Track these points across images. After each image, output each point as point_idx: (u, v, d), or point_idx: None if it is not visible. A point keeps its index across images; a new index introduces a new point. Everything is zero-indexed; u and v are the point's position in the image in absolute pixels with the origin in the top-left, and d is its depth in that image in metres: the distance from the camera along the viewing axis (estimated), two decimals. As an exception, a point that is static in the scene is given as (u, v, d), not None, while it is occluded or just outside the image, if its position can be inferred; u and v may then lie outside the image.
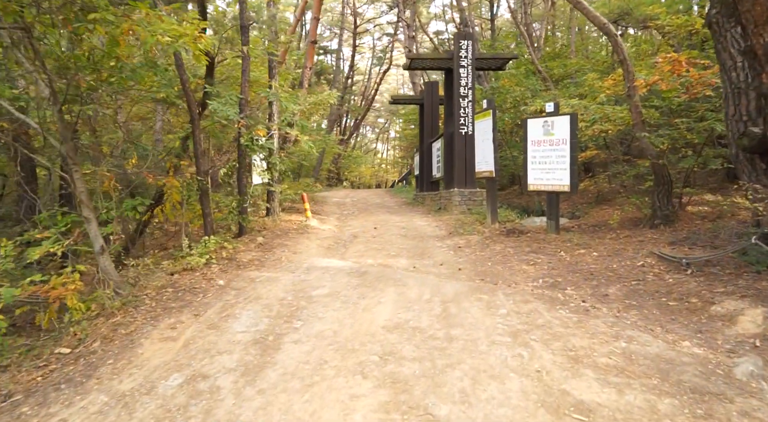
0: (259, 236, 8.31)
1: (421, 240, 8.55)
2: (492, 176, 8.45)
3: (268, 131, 10.55)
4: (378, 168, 49.73)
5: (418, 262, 6.85)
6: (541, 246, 7.12)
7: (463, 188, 11.49)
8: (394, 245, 8.12)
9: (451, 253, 7.36)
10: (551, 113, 7.41)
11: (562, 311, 4.42)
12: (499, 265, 6.41)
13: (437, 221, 10.61)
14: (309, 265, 6.64)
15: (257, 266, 6.56)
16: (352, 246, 8.22)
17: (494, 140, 8.29)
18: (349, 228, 10.27)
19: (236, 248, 7.39)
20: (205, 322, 4.37)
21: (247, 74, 8.17)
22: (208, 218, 7.22)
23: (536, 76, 13.95)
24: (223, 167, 7.16)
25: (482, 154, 8.78)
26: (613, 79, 8.79)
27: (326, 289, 5.33)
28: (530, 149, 7.74)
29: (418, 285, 5.40)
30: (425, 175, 16.15)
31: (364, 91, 41.69)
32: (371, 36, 43.37)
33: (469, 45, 11.49)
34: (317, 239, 8.81)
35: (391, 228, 9.99)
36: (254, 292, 5.24)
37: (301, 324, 4.34)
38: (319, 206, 15.19)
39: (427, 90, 15.74)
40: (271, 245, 7.93)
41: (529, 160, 7.77)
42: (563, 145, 7.23)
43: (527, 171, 7.82)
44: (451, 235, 8.83)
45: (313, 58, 14.54)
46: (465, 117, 11.53)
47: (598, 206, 10.25)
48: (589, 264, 6.00)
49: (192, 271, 6.25)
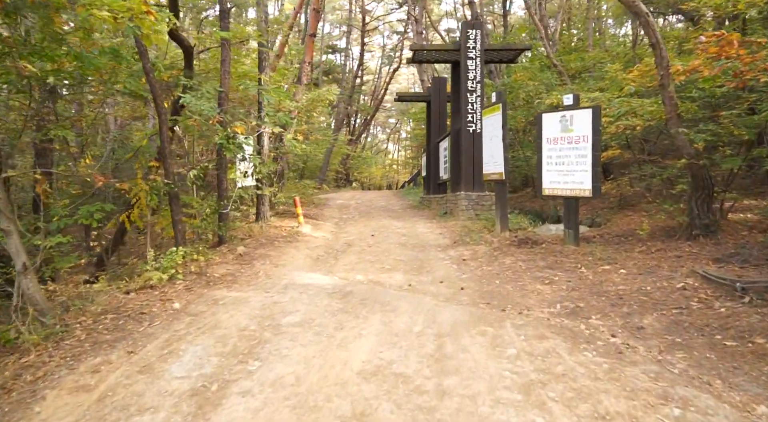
0: (241, 246, 7.46)
1: (421, 250, 7.63)
2: (501, 178, 7.50)
3: (258, 128, 9.73)
4: (388, 169, 48.86)
5: (414, 278, 5.94)
6: (558, 260, 6.15)
7: (470, 192, 10.54)
8: (391, 257, 7.21)
9: (453, 267, 6.42)
10: (570, 107, 6.45)
11: (588, 353, 3.47)
12: (508, 283, 5.46)
13: (441, 228, 9.67)
14: (288, 282, 5.76)
15: (228, 284, 5.69)
16: (343, 257, 7.33)
17: (504, 137, 7.34)
18: (345, 235, 9.38)
19: (210, 260, 6.54)
20: (138, 363, 3.51)
21: (227, 64, 7.33)
22: (178, 226, 6.39)
23: (551, 70, 12.93)
24: (193, 169, 6.33)
25: (491, 153, 7.84)
26: (639, 69, 7.78)
27: (299, 315, 4.45)
28: (545, 147, 6.78)
29: (410, 311, 4.48)
30: (432, 176, 15.22)
31: (374, 90, 40.92)
32: (381, 35, 42.62)
33: (478, 34, 10.54)
34: (306, 248, 7.93)
35: (390, 236, 9.08)
36: (213, 319, 4.37)
37: (257, 366, 3.45)
38: (319, 209, 14.35)
39: (434, 86, 14.80)
40: (252, 256, 7.07)
41: (544, 160, 6.81)
42: (584, 143, 6.25)
43: (542, 173, 6.86)
44: (455, 244, 7.89)
45: (312, 53, 13.69)
46: (473, 114, 10.58)
47: (621, 212, 9.22)
48: (617, 285, 5.02)
49: (151, 289, 5.42)
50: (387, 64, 40.89)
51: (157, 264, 5.87)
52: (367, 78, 45.58)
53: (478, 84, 10.58)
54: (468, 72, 10.54)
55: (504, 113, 7.30)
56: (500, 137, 7.41)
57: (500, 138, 7.39)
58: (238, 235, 8.43)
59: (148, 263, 5.91)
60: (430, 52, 11.27)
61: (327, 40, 40.61)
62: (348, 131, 40.95)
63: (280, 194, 10.18)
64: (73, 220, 5.69)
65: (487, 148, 8.01)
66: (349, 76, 34.97)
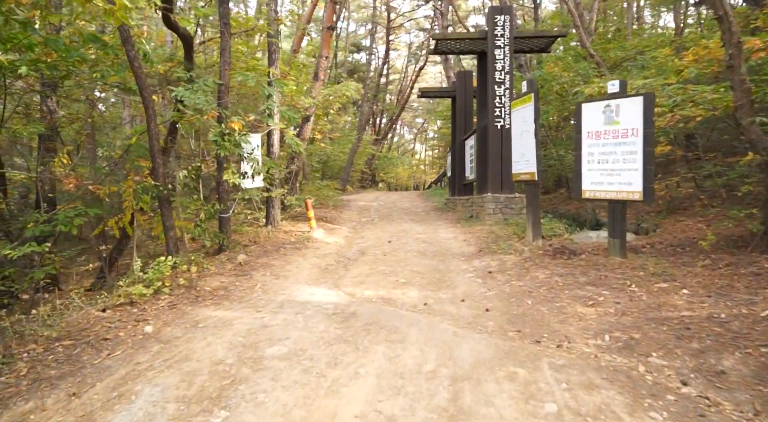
0: (243, 253, 6.80)
1: (442, 260, 6.79)
2: (533, 179, 6.59)
3: (268, 126, 9.10)
4: (415, 169, 48.08)
5: (432, 295, 5.12)
6: (602, 275, 5.22)
7: (498, 193, 9.61)
8: (407, 267, 6.40)
9: (478, 282, 5.57)
10: (616, 95, 5.50)
11: (656, 413, 2.59)
12: (543, 304, 4.58)
13: (466, 234, 8.79)
14: (285, 298, 5.03)
15: (218, 300, 5.01)
16: (354, 267, 6.56)
17: (536, 132, 6.43)
18: (360, 241, 8.62)
19: (204, 270, 5.89)
20: (76, 410, 2.82)
21: (228, 55, 6.68)
22: (169, 232, 5.76)
23: (588, 61, 11.84)
24: (183, 169, 5.68)
25: (521, 151, 6.93)
26: (695, 52, 6.74)
27: (289, 344, 3.70)
28: (586, 143, 5.84)
29: (422, 341, 3.67)
30: (457, 177, 14.31)
31: (400, 90, 40.21)
32: (407, 33, 41.82)
33: (506, 20, 9.61)
34: (315, 256, 7.20)
35: (408, 242, 8.27)
36: (185, 348, 3.67)
37: (223, 418, 2.72)
38: (337, 211, 13.65)
39: (460, 81, 13.88)
40: (253, 265, 6.39)
41: (584, 158, 5.87)
42: (633, 136, 5.29)
43: (581, 173, 5.92)
44: (481, 253, 7.02)
45: (329, 47, 13.00)
46: (501, 108, 9.65)
47: (672, 217, 8.13)
48: (680, 310, 4.08)
49: (131, 306, 4.78)
50: (413, 62, 40.10)
51: (146, 275, 5.24)
52: (393, 77, 44.89)
53: (507, 75, 9.64)
54: (495, 62, 9.62)
55: (536, 104, 6.39)
56: (532, 132, 6.50)
57: (532, 133, 6.48)
58: (243, 241, 7.79)
59: (133, 275, 5.30)
60: (454, 42, 10.37)
61: (352, 39, 40.14)
62: (373, 131, 40.37)
63: (290, 197, 9.51)
64: (51, 227, 5.10)
65: (517, 145, 7.10)
66: (374, 75, 34.24)
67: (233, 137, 5.67)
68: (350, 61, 41.02)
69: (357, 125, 29.56)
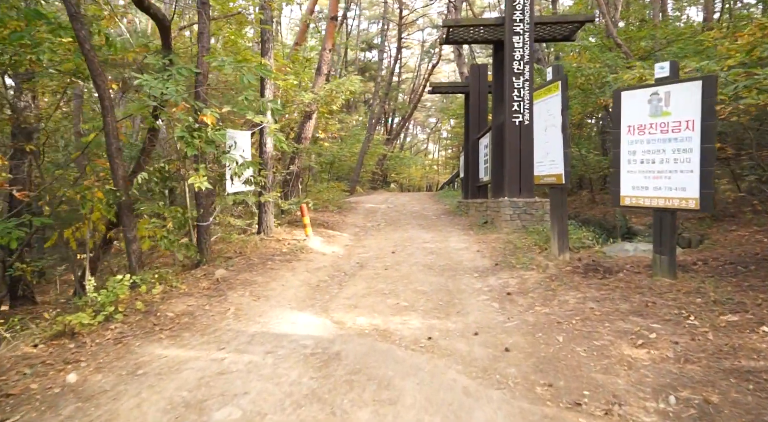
0: (222, 268, 5.94)
1: (452, 276, 5.85)
2: (560, 182, 5.60)
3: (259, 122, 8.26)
4: (428, 169, 47.19)
5: (438, 324, 4.18)
6: (648, 302, 4.23)
7: (516, 198, 8.61)
8: (411, 286, 5.47)
9: (494, 306, 4.61)
10: (665, 80, 4.50)
11: None
12: (578, 342, 3.61)
13: (480, 243, 7.82)
14: (260, 328, 4.14)
15: (177, 330, 4.14)
16: (349, 285, 5.65)
17: (564, 126, 5.44)
18: (361, 251, 7.71)
19: (172, 290, 5.03)
20: None
21: (206, 39, 5.83)
22: (132, 245, 4.93)
23: (614, 52, 10.77)
24: (143, 172, 4.82)
25: (545, 149, 5.95)
26: (752, 32, 5.69)
27: (245, 404, 2.80)
28: (626, 139, 4.84)
29: (422, 403, 2.75)
30: (471, 178, 13.32)
31: (413, 88, 39.37)
32: (420, 30, 40.85)
33: (526, 4, 8.61)
34: (306, 270, 6.31)
35: (415, 253, 7.33)
36: (108, 409, 2.79)
37: None
38: (342, 215, 12.77)
39: (473, 75, 12.88)
40: (232, 282, 5.51)
41: (623, 158, 4.87)
42: (688, 130, 4.29)
43: (620, 176, 4.92)
44: (497, 268, 6.06)
45: (333, 39, 12.14)
46: (519, 102, 8.66)
47: (718, 225, 7.05)
48: (765, 355, 3.09)
49: (71, 338, 3.94)
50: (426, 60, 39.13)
51: (99, 298, 4.40)
52: (406, 76, 44.01)
53: (527, 65, 8.64)
54: (514, 51, 8.63)
55: (564, 94, 5.40)
56: (558, 127, 5.52)
57: (558, 128, 5.50)
58: (228, 251, 6.94)
59: (84, 298, 4.45)
60: (468, 30, 9.37)
61: (363, 37, 39.31)
62: (385, 131, 39.55)
63: (283, 202, 8.63)
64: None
65: (540, 142, 6.12)
66: (385, 73, 33.36)
67: (204, 133, 4.80)
68: (362, 59, 40.24)
69: (367, 124, 28.65)
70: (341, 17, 19.10)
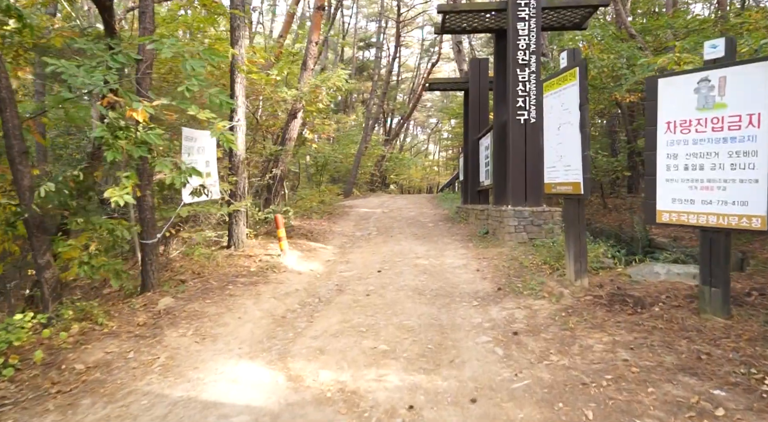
0: (172, 293, 4.94)
1: (446, 305, 4.83)
2: (578, 192, 4.57)
3: (230, 120, 7.28)
4: (428, 170, 46.35)
5: (424, 382, 3.18)
6: (701, 352, 3.22)
7: (521, 207, 7.58)
8: (395, 319, 4.46)
9: (497, 353, 3.60)
10: (718, 62, 3.49)
11: None
12: (615, 417, 2.60)
13: (480, 259, 6.81)
14: (185, 393, 3.13)
15: (76, 394, 3.13)
16: (320, 318, 4.64)
17: (584, 124, 4.43)
18: (343, 269, 6.70)
19: (95, 330, 4.02)
20: None
21: (149, 19, 4.82)
22: (44, 272, 3.93)
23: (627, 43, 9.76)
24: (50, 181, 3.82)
25: (558, 152, 4.93)
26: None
27: None
28: (664, 139, 3.82)
29: None
30: (470, 182, 12.30)
31: (412, 88, 38.50)
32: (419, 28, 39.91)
33: (532, -14, 7.60)
34: (273, 296, 5.29)
35: (405, 272, 6.32)
36: None
37: None
38: (331, 222, 11.76)
39: (473, 70, 11.85)
40: (177, 315, 4.50)
41: (660, 162, 3.85)
42: (751, 128, 3.28)
43: (655, 185, 3.89)
44: (500, 294, 5.04)
45: (319, 30, 11.15)
46: (525, 97, 7.65)
47: (763, 239, 6.02)
48: None
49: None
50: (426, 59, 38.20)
51: None
52: (406, 76, 43.08)
53: (533, 55, 7.62)
54: (518, 39, 7.61)
55: (583, 84, 4.39)
56: (575, 125, 4.50)
57: (576, 126, 4.49)
58: (188, 271, 5.94)
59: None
60: (467, 16, 8.34)
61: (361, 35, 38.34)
62: (384, 131, 38.68)
63: (254, 212, 7.62)
64: None
65: (552, 143, 5.11)
66: (384, 72, 32.39)
67: (131, 131, 3.80)
68: (360, 58, 39.25)
69: (364, 124, 27.64)
70: (333, 10, 18.10)
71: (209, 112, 4.12)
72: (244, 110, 7.34)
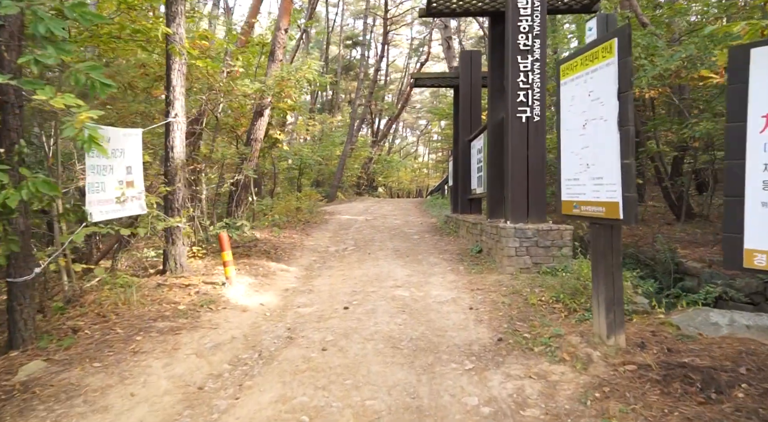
0: (48, 353, 3.54)
1: (428, 369, 3.49)
2: (616, 217, 3.25)
3: (166, 116, 5.97)
4: (418, 173, 45.35)
5: None
6: None
7: (523, 223, 6.27)
8: (355, 397, 3.10)
9: (507, 485, 2.25)
10: None
11: None
12: None
13: (473, 290, 5.48)
14: None
15: None
16: (251, 394, 3.26)
17: (624, 120, 3.10)
18: (303, 302, 5.33)
19: None
20: None
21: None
22: None
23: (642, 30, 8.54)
24: None
25: (583, 159, 3.62)
26: None
27: None
28: (758, 141, 2.51)
29: None
30: (461, 188, 11.00)
31: (401, 89, 37.41)
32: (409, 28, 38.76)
33: (537, -44, 6.32)
34: (196, 351, 3.90)
35: (378, 310, 4.95)
36: None
37: None
38: (304, 234, 10.38)
39: (464, 63, 10.55)
40: (39, 392, 3.10)
41: (753, 174, 2.54)
42: None
43: (743, 208, 2.58)
44: (502, 349, 3.72)
45: (289, 17, 9.81)
46: (527, 90, 6.34)
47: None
48: None
49: None
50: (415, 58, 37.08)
51: None
52: (395, 76, 41.92)
53: (537, 40, 6.33)
54: (519, 21, 6.32)
55: (625, 62, 3.08)
56: (612, 120, 3.20)
57: (612, 122, 3.18)
58: (89, 312, 4.52)
59: None
60: None
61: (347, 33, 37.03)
62: (372, 133, 37.52)
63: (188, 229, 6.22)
64: None
65: (573, 146, 3.79)
66: (372, 72, 31.11)
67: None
68: (346, 57, 37.88)
69: (349, 125, 26.28)
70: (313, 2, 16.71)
71: (72, 97, 2.74)
72: (183, 103, 5.95)
